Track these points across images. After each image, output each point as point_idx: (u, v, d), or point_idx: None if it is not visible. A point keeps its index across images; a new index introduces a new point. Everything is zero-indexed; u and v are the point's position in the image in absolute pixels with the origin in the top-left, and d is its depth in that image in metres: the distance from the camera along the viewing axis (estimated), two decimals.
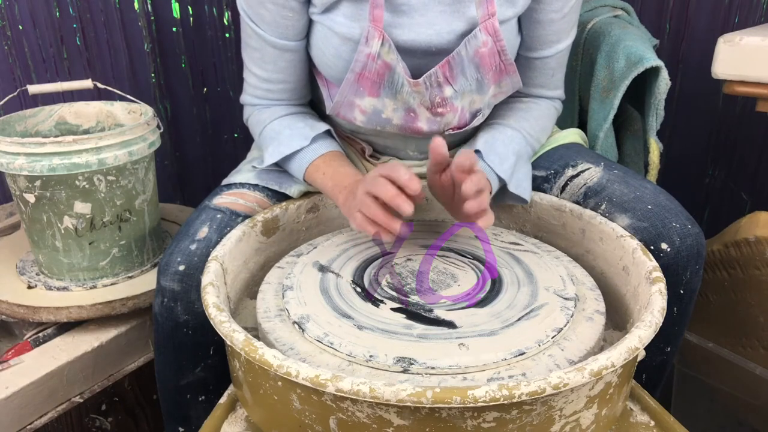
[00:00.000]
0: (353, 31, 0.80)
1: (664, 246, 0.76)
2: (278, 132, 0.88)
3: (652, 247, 0.76)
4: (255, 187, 0.89)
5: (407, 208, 0.69)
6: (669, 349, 0.82)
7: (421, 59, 0.82)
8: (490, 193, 0.82)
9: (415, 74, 0.82)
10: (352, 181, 0.81)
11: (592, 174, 0.87)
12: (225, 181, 0.93)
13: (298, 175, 0.88)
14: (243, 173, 0.92)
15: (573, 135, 0.99)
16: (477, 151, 0.85)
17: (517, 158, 0.86)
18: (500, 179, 0.83)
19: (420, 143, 0.94)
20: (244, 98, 0.93)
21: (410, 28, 0.80)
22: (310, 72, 0.92)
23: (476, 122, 0.89)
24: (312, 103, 1.00)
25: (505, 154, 0.85)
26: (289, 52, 0.86)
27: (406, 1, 0.79)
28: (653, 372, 0.84)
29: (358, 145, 0.97)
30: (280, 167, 0.91)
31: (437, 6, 0.80)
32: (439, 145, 0.71)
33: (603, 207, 0.82)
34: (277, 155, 0.87)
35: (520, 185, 0.85)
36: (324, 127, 0.89)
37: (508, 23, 0.83)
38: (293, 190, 0.90)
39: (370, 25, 0.78)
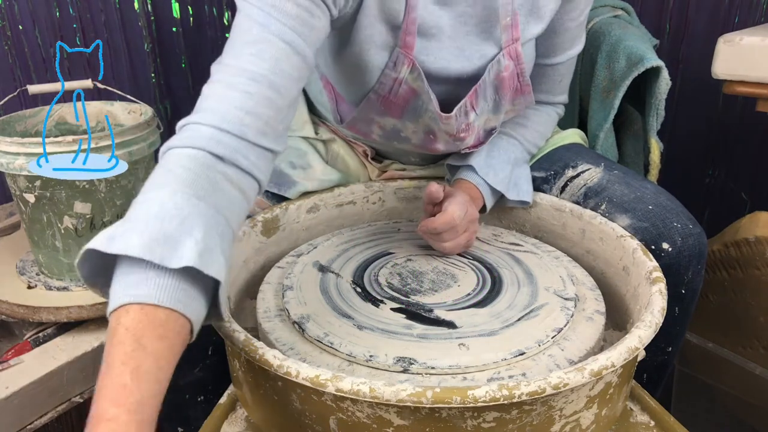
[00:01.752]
0: (377, 57, 0.76)
1: (665, 246, 0.76)
2: (159, 209, 0.51)
3: (653, 247, 0.76)
4: None
5: None
6: (670, 349, 0.82)
7: (449, 86, 0.81)
8: (484, 207, 0.86)
9: (442, 99, 0.80)
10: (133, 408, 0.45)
11: (592, 174, 0.87)
12: None
13: (109, 301, 0.50)
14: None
15: (573, 135, 0.99)
16: (470, 167, 0.86)
17: (513, 166, 0.87)
18: (496, 193, 0.86)
19: (423, 152, 0.94)
20: (193, 116, 0.60)
21: (439, 54, 0.78)
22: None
23: (488, 139, 0.89)
24: (310, 103, 1.00)
25: (500, 165, 0.86)
26: (298, 57, 0.63)
27: (435, 23, 0.76)
28: (654, 372, 0.84)
29: (360, 148, 0.97)
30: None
31: (464, 28, 0.78)
32: (434, 191, 0.76)
33: (603, 207, 0.82)
34: (116, 247, 0.48)
35: (520, 190, 0.86)
36: (217, 268, 0.51)
37: (531, 41, 0.82)
38: (292, 192, 0.90)
39: (401, 51, 0.76)
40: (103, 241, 0.49)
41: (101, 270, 0.53)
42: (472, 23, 0.77)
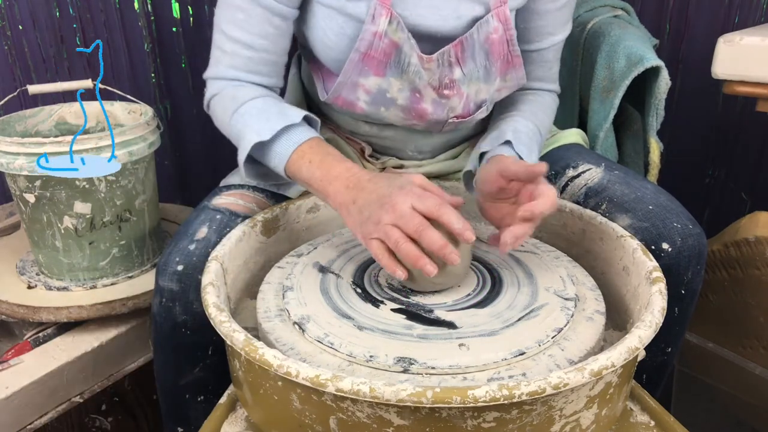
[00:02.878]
0: (358, 9, 0.78)
1: (665, 246, 0.76)
2: (263, 110, 0.78)
3: (653, 247, 0.76)
4: (254, 188, 0.89)
5: (455, 259, 0.62)
6: (670, 349, 0.82)
7: (429, 44, 0.81)
8: None
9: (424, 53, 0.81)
10: (343, 169, 0.72)
11: (592, 174, 0.87)
12: (223, 182, 0.93)
13: (279, 164, 0.76)
14: (241, 174, 0.92)
15: (573, 135, 0.99)
16: (507, 141, 0.81)
17: (538, 152, 0.85)
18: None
19: (419, 143, 0.94)
20: (216, 70, 0.84)
21: (414, 10, 0.79)
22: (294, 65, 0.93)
23: (479, 114, 0.89)
24: (309, 102, 1.00)
25: (531, 146, 0.83)
26: (278, 17, 0.80)
27: None
28: (654, 372, 0.84)
29: (358, 145, 0.97)
30: (261, 175, 0.84)
31: None
32: (513, 169, 0.69)
33: (603, 207, 0.82)
34: (267, 132, 0.75)
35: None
36: (308, 113, 0.80)
37: (512, 14, 0.82)
38: (292, 191, 0.90)
39: (377, 2, 0.77)
40: (265, 131, 0.76)
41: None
42: None
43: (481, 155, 0.84)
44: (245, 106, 0.79)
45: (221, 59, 0.83)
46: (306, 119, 0.79)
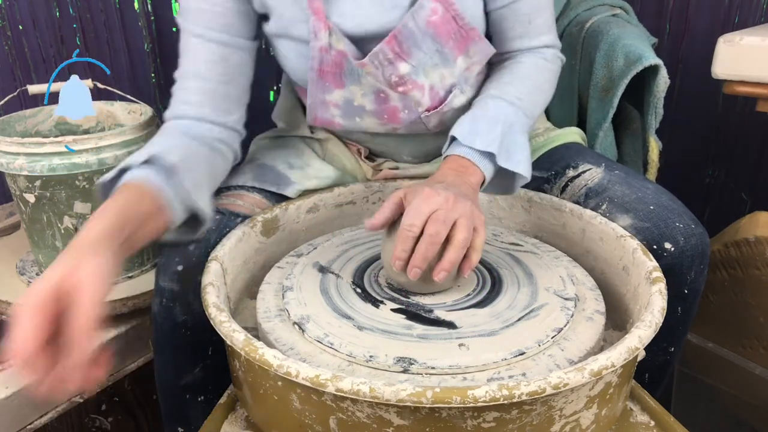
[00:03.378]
0: (302, 31, 0.80)
1: (667, 246, 0.76)
2: (154, 137, 0.78)
3: (655, 247, 0.76)
4: (252, 188, 0.89)
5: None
6: (672, 349, 0.82)
7: (370, 43, 0.80)
8: (483, 181, 0.75)
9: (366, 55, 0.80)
10: (94, 226, 0.59)
11: (593, 175, 0.86)
12: (223, 183, 0.93)
13: None
14: (240, 176, 0.92)
15: (573, 134, 0.99)
16: (453, 138, 0.77)
17: (505, 129, 0.76)
18: (490, 157, 0.74)
19: (414, 148, 0.94)
20: (165, 114, 0.83)
21: (352, 12, 0.79)
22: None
23: (456, 100, 0.85)
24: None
25: (488, 128, 0.75)
26: (213, 43, 0.80)
27: None
28: (656, 371, 0.84)
29: (355, 147, 0.97)
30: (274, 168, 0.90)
31: None
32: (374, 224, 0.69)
33: (604, 207, 0.82)
34: (113, 172, 0.70)
35: (512, 158, 0.75)
36: (152, 155, 0.70)
37: None
38: (290, 191, 0.90)
39: (313, 18, 0.78)
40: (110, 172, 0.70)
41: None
42: None
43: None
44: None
45: (170, 102, 0.84)
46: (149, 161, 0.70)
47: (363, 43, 0.81)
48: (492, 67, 0.89)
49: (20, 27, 1.35)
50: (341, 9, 0.79)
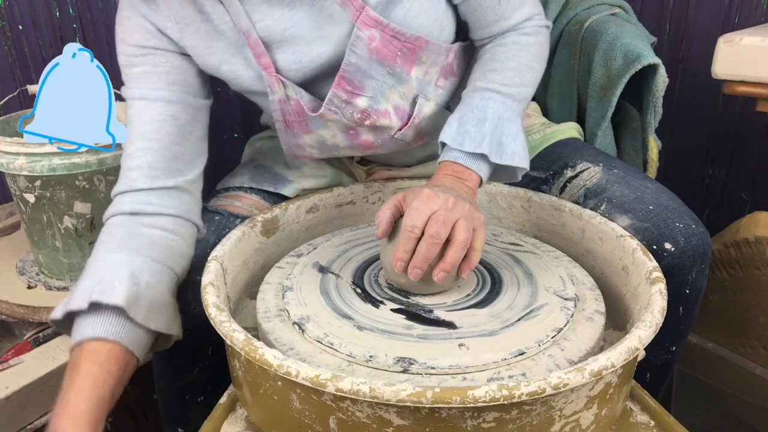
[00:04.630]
0: (258, 86, 0.80)
1: (668, 246, 0.76)
2: (93, 254, 0.73)
3: (655, 247, 0.76)
4: (251, 189, 0.89)
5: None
6: (674, 348, 0.82)
7: (324, 84, 0.80)
8: (481, 182, 0.75)
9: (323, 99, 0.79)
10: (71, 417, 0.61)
11: (591, 174, 0.86)
12: (220, 185, 0.93)
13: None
14: (237, 177, 0.92)
15: (570, 129, 0.98)
16: (443, 143, 0.76)
17: (494, 122, 0.74)
18: (482, 157, 0.74)
19: (403, 158, 0.95)
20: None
21: (296, 58, 0.78)
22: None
23: (424, 109, 0.82)
24: None
25: (475, 128, 0.73)
26: (158, 102, 0.77)
27: (271, 31, 0.76)
28: (657, 371, 0.84)
29: None
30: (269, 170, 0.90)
31: (305, 22, 0.75)
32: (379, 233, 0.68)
33: (603, 208, 0.82)
34: (59, 310, 0.69)
35: (504, 151, 0.73)
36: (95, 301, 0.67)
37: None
38: (288, 190, 0.90)
39: (265, 73, 0.77)
40: (58, 308, 0.69)
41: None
42: (307, 16, 0.75)
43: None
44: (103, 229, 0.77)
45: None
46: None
47: (317, 87, 0.80)
48: (475, 53, 0.86)
49: (20, 27, 1.35)
50: (284, 57, 0.78)
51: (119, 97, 1.11)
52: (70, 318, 0.69)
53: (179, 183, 0.78)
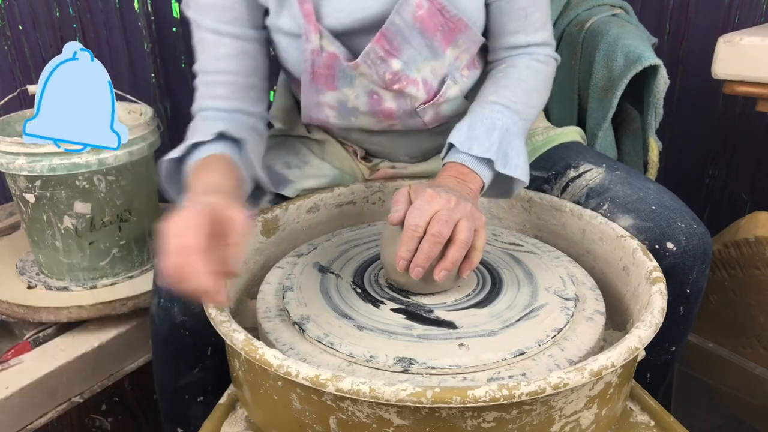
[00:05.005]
0: (287, 24, 0.81)
1: (669, 245, 0.76)
2: (192, 129, 0.80)
3: (657, 247, 0.76)
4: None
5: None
6: (674, 348, 0.82)
7: (360, 39, 0.80)
8: (483, 187, 0.76)
9: (358, 56, 0.80)
10: (204, 183, 0.68)
11: (594, 175, 0.86)
12: None
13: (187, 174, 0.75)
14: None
15: (573, 133, 0.99)
16: (451, 145, 0.77)
17: (502, 134, 0.76)
18: (488, 163, 0.75)
19: (410, 147, 0.94)
20: (192, 107, 0.85)
21: (338, 7, 0.79)
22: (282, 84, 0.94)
23: (450, 91, 0.84)
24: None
25: (484, 134, 0.76)
26: (228, 37, 0.81)
27: None
28: (657, 371, 0.84)
29: (351, 147, 0.97)
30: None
31: None
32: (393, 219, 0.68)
33: (605, 207, 0.82)
34: (177, 152, 0.76)
35: (509, 162, 0.76)
36: (222, 131, 0.78)
37: None
38: (289, 190, 0.90)
39: (304, 20, 0.78)
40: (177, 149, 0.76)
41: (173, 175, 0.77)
42: None
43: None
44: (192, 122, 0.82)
45: (195, 98, 0.85)
46: (221, 134, 0.77)
47: (353, 42, 0.81)
48: (488, 69, 0.89)
49: (20, 27, 1.35)
50: (328, 7, 0.79)
51: (120, 97, 1.12)
52: (176, 167, 0.76)
53: (255, 111, 0.85)
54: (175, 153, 0.75)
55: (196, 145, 0.76)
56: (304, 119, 0.89)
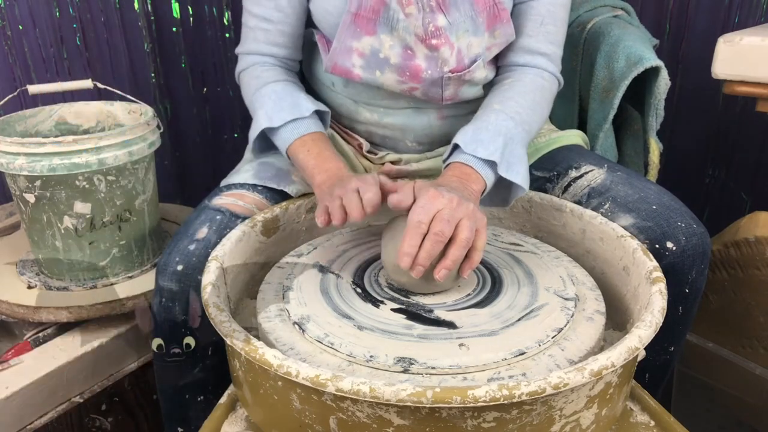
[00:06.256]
0: None
1: (669, 245, 0.76)
2: (280, 97, 0.88)
3: (657, 246, 0.76)
4: (254, 187, 0.89)
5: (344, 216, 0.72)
6: (673, 348, 0.82)
7: None
8: (484, 189, 0.76)
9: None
10: (334, 166, 0.81)
11: (595, 175, 0.87)
12: (224, 182, 0.93)
13: (282, 146, 0.87)
14: (241, 173, 0.92)
15: (574, 137, 0.99)
16: (456, 146, 0.79)
17: (506, 141, 0.78)
18: (491, 165, 0.77)
19: (419, 132, 0.94)
20: (243, 45, 0.93)
21: None
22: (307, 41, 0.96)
23: (477, 72, 0.87)
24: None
25: (490, 138, 0.77)
26: None
27: None
28: (656, 371, 0.84)
29: (356, 141, 0.97)
30: (268, 149, 0.94)
31: None
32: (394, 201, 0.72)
33: (606, 207, 0.82)
34: (278, 120, 0.86)
35: (511, 169, 0.77)
36: (320, 106, 0.89)
37: None
38: (292, 188, 0.90)
39: None
40: (276, 118, 0.87)
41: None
42: None
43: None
44: (266, 88, 0.89)
45: (247, 35, 0.93)
46: (317, 113, 0.89)
47: None
48: (495, 80, 0.91)
49: (20, 27, 1.35)
50: None
51: (120, 97, 1.12)
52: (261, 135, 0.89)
53: (300, 58, 0.96)
54: (275, 123, 0.86)
55: (295, 120, 0.86)
56: (326, 66, 0.88)
